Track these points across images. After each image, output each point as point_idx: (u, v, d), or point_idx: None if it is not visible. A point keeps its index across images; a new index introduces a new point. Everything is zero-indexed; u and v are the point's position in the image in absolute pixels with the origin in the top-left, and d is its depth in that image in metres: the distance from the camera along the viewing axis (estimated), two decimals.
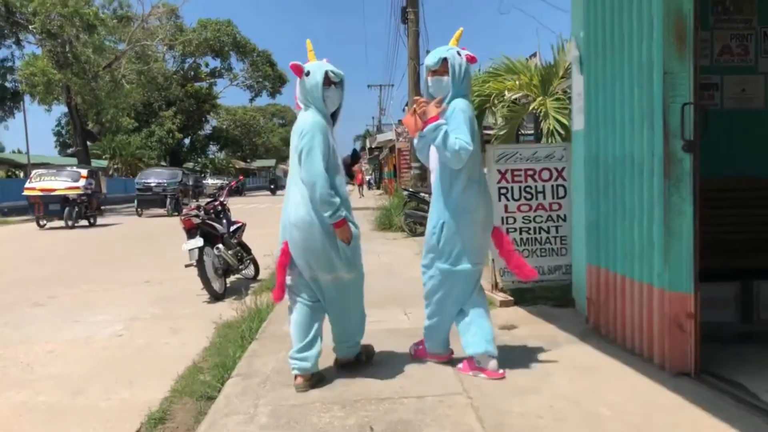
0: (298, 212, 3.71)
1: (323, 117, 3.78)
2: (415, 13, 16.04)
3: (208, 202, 8.48)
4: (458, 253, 3.86)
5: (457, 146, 3.63)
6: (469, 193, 3.83)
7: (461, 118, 3.72)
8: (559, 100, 8.51)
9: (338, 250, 3.75)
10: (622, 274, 4.17)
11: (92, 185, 20.75)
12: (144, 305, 7.27)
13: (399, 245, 11.37)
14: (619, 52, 4.11)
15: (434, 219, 3.93)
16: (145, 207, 25.07)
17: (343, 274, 3.83)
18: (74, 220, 19.03)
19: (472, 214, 3.84)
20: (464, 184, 3.81)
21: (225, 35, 48.77)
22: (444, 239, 3.86)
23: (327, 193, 3.60)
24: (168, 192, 24.72)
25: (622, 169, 4.12)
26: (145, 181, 25.82)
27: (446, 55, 3.85)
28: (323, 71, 3.78)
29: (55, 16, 25.05)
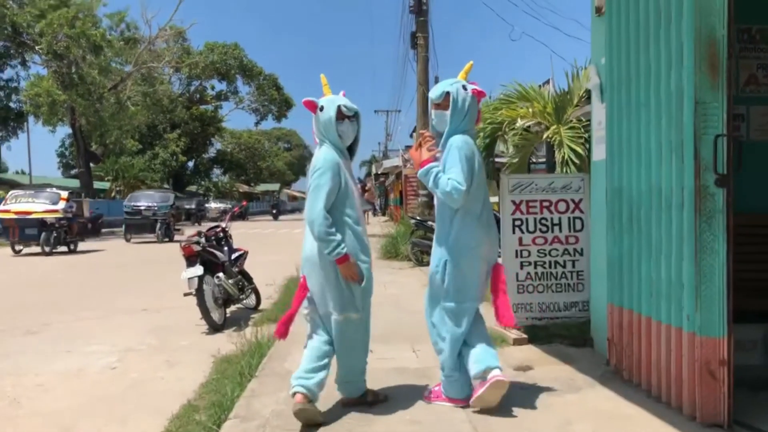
0: (309, 247, 3.75)
1: (338, 152, 3.78)
2: (425, 38, 15.96)
3: (209, 229, 8.24)
4: (463, 290, 3.80)
5: (449, 188, 3.63)
6: (469, 229, 3.78)
7: (456, 156, 3.68)
8: (573, 129, 8.29)
9: (349, 290, 3.72)
10: (648, 316, 3.90)
11: (73, 208, 19.55)
12: (140, 335, 7.00)
13: (406, 275, 11.10)
14: (645, 79, 3.89)
15: (436, 257, 3.89)
16: (133, 232, 23.43)
17: (352, 314, 3.77)
18: (52, 245, 17.72)
19: (473, 249, 3.79)
20: (462, 220, 3.77)
21: (232, 58, 48.98)
22: (448, 278, 3.79)
23: (325, 231, 3.59)
24: (159, 216, 23.32)
25: (648, 203, 3.88)
26: (134, 205, 24.53)
27: (449, 89, 3.81)
28: (336, 106, 3.77)
29: (62, 37, 25.08)
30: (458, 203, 3.69)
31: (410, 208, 24.32)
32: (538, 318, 5.88)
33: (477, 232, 3.79)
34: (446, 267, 3.78)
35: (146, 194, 26.51)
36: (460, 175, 3.64)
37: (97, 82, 27.18)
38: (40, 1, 26.05)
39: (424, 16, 16.16)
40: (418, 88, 16.46)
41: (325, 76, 3.97)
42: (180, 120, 49.16)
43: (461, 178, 3.63)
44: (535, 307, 5.89)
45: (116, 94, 31.65)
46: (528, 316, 5.88)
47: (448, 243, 3.78)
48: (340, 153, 3.78)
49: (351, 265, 3.65)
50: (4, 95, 29.70)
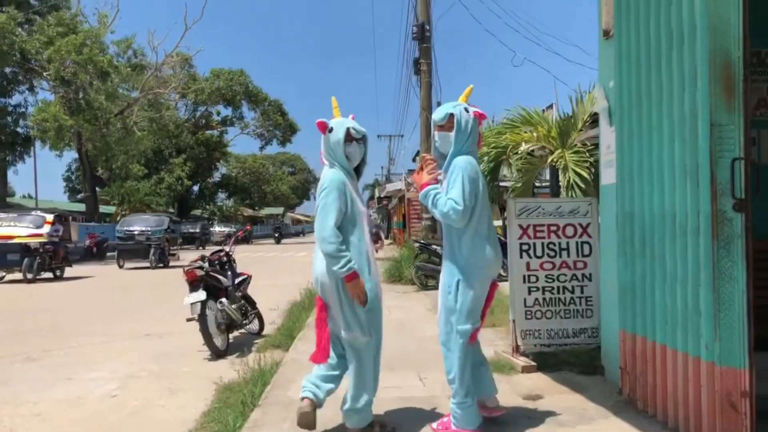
0: (321, 267, 3.77)
1: (345, 172, 3.85)
2: (428, 64, 16.02)
3: (213, 253, 8.16)
4: (475, 310, 3.79)
5: (446, 208, 3.66)
6: (479, 249, 3.78)
7: (458, 176, 3.71)
8: (578, 153, 8.22)
9: (352, 310, 3.74)
10: (663, 344, 3.79)
11: (59, 232, 18.41)
12: (142, 361, 6.88)
13: (410, 299, 10.97)
14: (657, 102, 3.82)
15: (447, 277, 3.86)
16: (126, 258, 22.31)
17: (358, 335, 3.77)
18: (35, 272, 16.58)
19: (484, 270, 3.80)
20: (472, 241, 3.77)
21: (237, 84, 49.32)
22: (461, 298, 3.76)
23: (335, 248, 3.63)
24: (153, 241, 22.18)
25: (662, 228, 3.78)
26: (127, 229, 23.19)
27: (453, 110, 3.86)
28: (345, 128, 3.86)
29: (70, 63, 25.27)
30: (457, 223, 3.71)
31: (414, 232, 24.23)
32: (546, 345, 5.75)
33: (487, 252, 3.79)
34: (458, 287, 3.76)
35: (140, 218, 25.32)
36: (459, 196, 3.66)
37: (104, 108, 27.33)
38: (49, 28, 26.34)
39: (426, 42, 16.23)
40: (422, 113, 16.48)
41: (336, 101, 4.07)
42: (185, 145, 49.38)
43: (460, 199, 3.66)
44: (544, 334, 5.76)
45: (123, 120, 31.85)
46: (536, 342, 5.75)
47: (460, 263, 3.78)
48: (347, 173, 3.85)
49: (359, 283, 3.68)
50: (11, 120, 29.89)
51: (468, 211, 3.69)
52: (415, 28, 16.19)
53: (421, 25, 15.94)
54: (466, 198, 3.66)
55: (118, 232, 23.51)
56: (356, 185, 3.97)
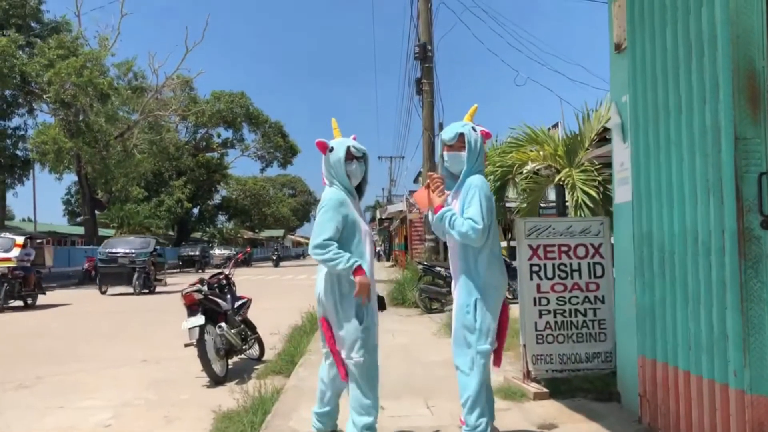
0: (319, 286, 3.86)
1: (346, 191, 3.89)
2: (430, 84, 15.94)
3: (212, 276, 7.95)
4: (493, 330, 3.79)
5: (464, 228, 3.65)
6: (494, 269, 3.80)
7: (476, 196, 3.72)
8: (586, 172, 8.08)
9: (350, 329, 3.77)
10: (686, 370, 3.58)
11: (30, 256, 17.01)
12: (138, 388, 6.65)
13: (414, 323, 10.73)
14: (676, 116, 3.65)
15: (465, 296, 3.80)
16: (109, 283, 20.81)
17: (354, 355, 3.79)
18: (2, 299, 15.12)
19: (498, 289, 3.83)
20: (488, 260, 3.78)
21: (238, 106, 49.39)
22: (480, 317, 3.73)
23: (332, 253, 3.68)
24: (137, 265, 20.50)
25: (682, 248, 3.60)
26: (109, 252, 21.31)
27: (462, 130, 3.87)
28: (345, 146, 3.90)
29: (70, 86, 25.23)
30: (476, 242, 3.70)
31: (416, 254, 24.02)
32: (558, 370, 5.54)
33: (499, 273, 3.83)
34: (477, 306, 3.73)
35: (123, 240, 23.52)
36: (477, 215, 3.65)
37: (103, 130, 27.25)
38: (50, 51, 26.34)
39: (429, 62, 16.17)
40: (424, 133, 16.38)
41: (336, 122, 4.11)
42: (186, 167, 49.31)
43: (478, 218, 3.65)
44: (556, 359, 5.55)
45: (123, 142, 31.79)
46: (548, 368, 5.53)
47: (477, 282, 3.75)
48: (347, 192, 3.90)
49: (366, 279, 3.74)
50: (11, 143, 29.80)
51: (486, 230, 3.69)
52: (416, 48, 16.14)
53: (423, 45, 15.88)
54: (484, 216, 3.66)
55: (100, 254, 21.69)
56: (358, 204, 4.03)
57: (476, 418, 3.69)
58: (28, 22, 29.09)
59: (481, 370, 3.72)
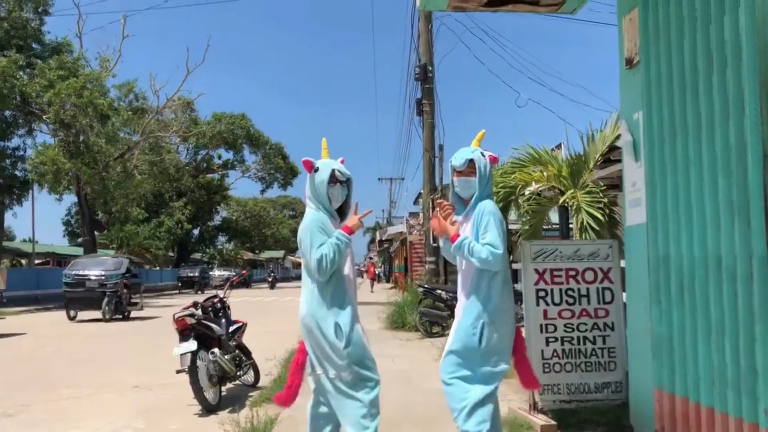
0: (303, 309, 3.75)
1: (327, 213, 3.86)
2: (431, 105, 15.78)
3: (206, 299, 7.70)
4: (499, 353, 3.72)
5: (484, 254, 3.62)
6: (505, 294, 3.77)
7: (492, 221, 3.72)
8: (591, 193, 7.83)
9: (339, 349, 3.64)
10: (709, 406, 3.32)
11: None
12: (127, 417, 6.37)
13: (414, 348, 10.43)
14: (695, 132, 3.43)
15: (472, 318, 3.73)
16: (77, 307, 18.81)
17: (343, 374, 3.68)
18: None
19: (508, 313, 3.79)
20: (502, 285, 3.75)
21: (239, 128, 49.32)
22: (486, 340, 3.67)
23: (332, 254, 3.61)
24: (108, 288, 18.51)
25: (704, 273, 3.35)
26: (76, 273, 19.24)
27: (472, 156, 3.88)
28: (330, 169, 3.87)
29: (70, 106, 25.11)
30: (496, 267, 3.66)
31: (416, 275, 23.74)
32: (566, 401, 5.27)
33: (510, 298, 3.82)
34: (483, 329, 3.68)
35: (93, 260, 21.12)
36: (496, 240, 3.64)
37: (103, 151, 27.08)
38: (50, 72, 26.26)
39: (429, 83, 16.04)
40: (424, 154, 16.20)
41: (327, 142, 4.08)
42: (186, 188, 49.15)
43: (497, 242, 3.64)
44: (563, 389, 5.29)
45: (123, 163, 31.59)
46: (555, 398, 5.27)
47: (488, 306, 3.71)
48: (328, 214, 3.86)
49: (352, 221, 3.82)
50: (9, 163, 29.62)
51: (504, 254, 3.67)
52: (417, 69, 16.00)
53: (424, 66, 15.76)
54: (502, 241, 3.66)
55: (66, 276, 19.44)
56: (339, 226, 3.91)
57: (476, 423, 3.56)
58: (29, 43, 29.00)
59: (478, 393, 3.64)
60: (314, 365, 3.74)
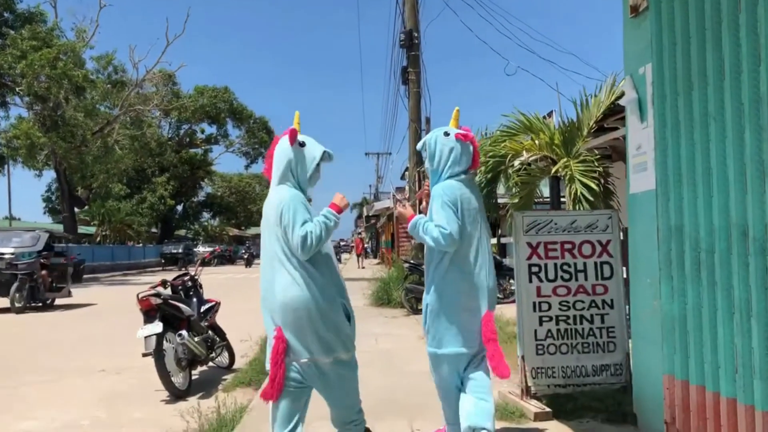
0: (290, 292, 3.37)
1: (303, 194, 3.60)
2: (417, 73, 15.18)
3: (176, 277, 7.21)
4: (443, 336, 3.70)
5: (436, 233, 3.59)
6: (449, 279, 3.70)
7: (437, 205, 3.69)
8: (585, 162, 7.38)
9: (338, 330, 3.45)
10: (731, 397, 2.89)
11: None
12: (88, 405, 5.91)
13: (399, 325, 10.02)
14: (717, 83, 2.96)
15: (424, 302, 3.89)
16: None
17: (342, 355, 3.50)
18: None
19: (451, 297, 3.70)
20: (446, 269, 3.70)
21: (222, 101, 48.46)
22: (429, 321, 3.77)
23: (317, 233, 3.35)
24: (19, 270, 14.55)
25: (726, 246, 2.90)
26: None
27: (425, 137, 3.93)
28: (321, 150, 3.63)
29: (43, 78, 24.24)
30: (451, 247, 3.62)
31: (403, 251, 23.34)
32: (562, 385, 4.85)
33: (456, 283, 3.69)
34: (428, 310, 3.78)
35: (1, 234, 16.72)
36: (443, 220, 3.60)
37: (79, 124, 26.24)
38: (23, 42, 25.32)
39: (415, 50, 15.42)
40: (410, 125, 15.65)
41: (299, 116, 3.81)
42: (169, 163, 48.33)
43: (444, 222, 3.59)
44: (558, 372, 4.87)
45: (103, 138, 30.76)
46: (550, 383, 4.85)
47: (429, 288, 3.79)
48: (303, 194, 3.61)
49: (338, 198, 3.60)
50: None
51: (457, 236, 3.59)
52: (402, 35, 15.36)
53: (409, 32, 15.12)
54: (451, 221, 3.60)
55: None
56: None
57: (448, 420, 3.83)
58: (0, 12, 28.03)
59: (432, 372, 3.83)
60: (298, 352, 3.41)
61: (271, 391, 3.37)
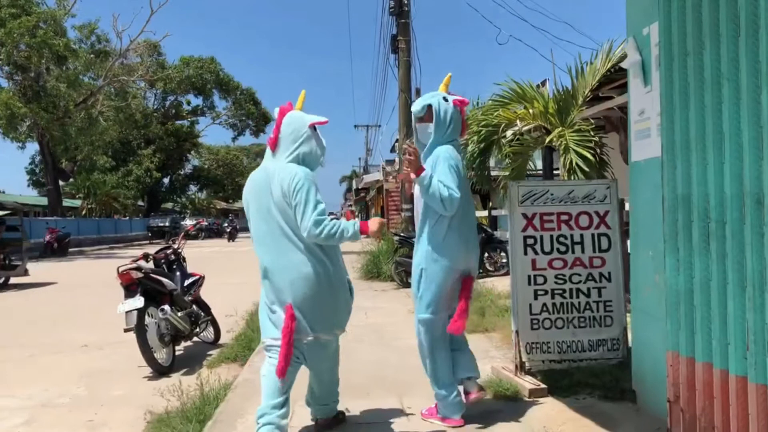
0: (304, 269, 3.38)
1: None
2: (407, 41, 14.82)
3: (159, 251, 6.99)
4: (438, 301, 3.76)
5: (446, 193, 3.58)
6: (448, 243, 3.73)
7: (445, 166, 3.68)
8: (580, 132, 7.19)
9: (343, 307, 3.59)
10: (741, 375, 2.73)
11: None
12: (67, 381, 5.72)
13: (389, 299, 9.87)
14: (730, 41, 2.75)
15: (414, 265, 3.86)
16: None
17: (338, 331, 3.64)
18: None
19: (450, 261, 3.73)
20: (444, 234, 3.73)
21: (208, 72, 47.63)
22: (423, 286, 3.77)
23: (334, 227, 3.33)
24: None
25: (739, 216, 2.72)
26: None
27: (430, 101, 3.83)
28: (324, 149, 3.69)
29: (23, 47, 23.61)
30: (452, 211, 3.66)
31: (392, 224, 23.17)
32: (557, 360, 4.71)
33: (455, 247, 3.75)
34: (422, 275, 3.77)
35: None
36: (451, 183, 3.61)
37: (61, 95, 25.66)
38: (1, 10, 24.62)
39: (405, 18, 15.06)
40: (400, 95, 15.33)
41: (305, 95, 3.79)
42: (155, 136, 47.65)
43: (453, 185, 3.61)
44: (554, 347, 4.71)
45: (86, 109, 30.16)
46: (545, 358, 4.70)
47: (425, 252, 3.76)
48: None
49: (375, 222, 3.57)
50: None
51: (459, 200, 3.63)
52: (392, 1, 14.97)
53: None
54: (458, 186, 3.63)
55: None
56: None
57: (438, 387, 3.81)
58: None
59: (424, 339, 3.82)
60: (303, 330, 3.42)
61: (282, 368, 3.36)
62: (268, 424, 3.34)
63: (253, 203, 3.51)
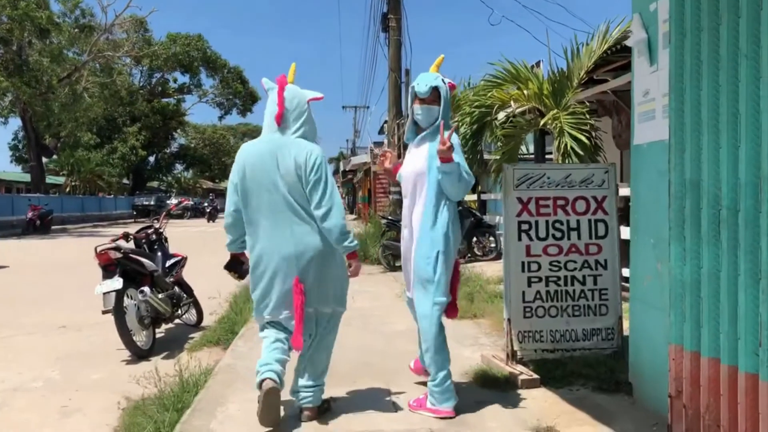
0: (312, 242, 3.49)
1: None
2: (398, 20, 14.51)
3: (139, 230, 6.77)
4: (446, 284, 3.74)
5: (470, 180, 3.71)
6: (456, 225, 3.79)
7: (460, 152, 3.75)
8: (575, 114, 7.01)
9: (341, 282, 3.69)
10: (750, 372, 2.58)
11: None
12: (42, 365, 5.52)
13: (376, 282, 9.69)
14: (752, 14, 2.55)
15: (426, 248, 3.70)
16: None
17: (339, 308, 3.73)
18: None
19: (456, 244, 3.80)
20: (452, 219, 3.75)
21: (195, 50, 47.00)
22: (440, 270, 3.68)
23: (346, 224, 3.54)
24: None
25: (754, 203, 2.55)
26: None
27: (436, 83, 3.81)
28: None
29: (5, 19, 23.02)
30: (463, 195, 3.83)
31: (380, 207, 22.98)
32: (550, 350, 4.56)
33: (457, 230, 3.83)
34: (438, 258, 3.67)
35: None
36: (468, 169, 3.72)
37: (44, 69, 25.11)
38: None
39: None
40: (390, 74, 15.07)
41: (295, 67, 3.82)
42: (140, 113, 47.02)
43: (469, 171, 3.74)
44: (547, 336, 4.57)
45: (70, 85, 29.58)
46: (537, 347, 4.55)
47: (439, 236, 3.69)
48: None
49: (358, 267, 3.66)
50: None
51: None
52: None
53: None
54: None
55: None
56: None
57: (435, 372, 3.69)
58: None
59: (436, 323, 3.72)
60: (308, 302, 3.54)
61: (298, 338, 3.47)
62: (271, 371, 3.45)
63: (257, 173, 3.49)
